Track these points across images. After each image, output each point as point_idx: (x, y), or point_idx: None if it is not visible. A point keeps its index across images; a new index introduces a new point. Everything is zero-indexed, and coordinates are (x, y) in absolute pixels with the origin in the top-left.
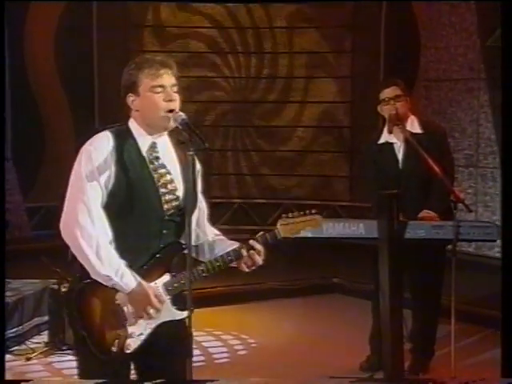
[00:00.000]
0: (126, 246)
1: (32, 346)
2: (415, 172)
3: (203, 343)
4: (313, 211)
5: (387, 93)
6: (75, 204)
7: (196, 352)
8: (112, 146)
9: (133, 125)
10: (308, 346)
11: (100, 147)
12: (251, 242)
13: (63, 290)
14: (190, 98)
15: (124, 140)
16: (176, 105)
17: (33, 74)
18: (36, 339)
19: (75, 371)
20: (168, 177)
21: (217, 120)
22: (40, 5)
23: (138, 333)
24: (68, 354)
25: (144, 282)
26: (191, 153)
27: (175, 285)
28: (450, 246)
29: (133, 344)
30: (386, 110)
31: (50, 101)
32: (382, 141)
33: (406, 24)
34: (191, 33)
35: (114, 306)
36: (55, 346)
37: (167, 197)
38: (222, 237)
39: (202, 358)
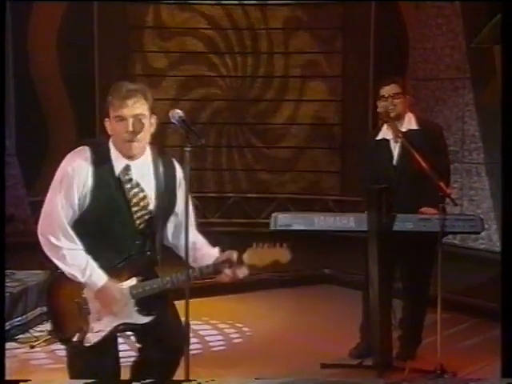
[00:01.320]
0: (99, 254)
1: (36, 334)
2: (409, 168)
3: (200, 332)
4: (284, 245)
5: (386, 90)
6: (49, 219)
7: (193, 340)
8: (90, 164)
9: (112, 145)
10: (300, 335)
11: (78, 168)
12: (232, 257)
13: None
14: (188, 96)
15: (101, 161)
16: (134, 136)
17: (36, 72)
18: (39, 328)
19: None
20: (141, 194)
21: (213, 117)
22: (43, 4)
23: (97, 329)
24: None
25: (111, 282)
26: (188, 149)
27: (140, 290)
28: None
29: (92, 338)
30: (383, 107)
31: (52, 98)
32: (379, 137)
33: (395, 26)
34: (189, 33)
35: (80, 298)
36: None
37: (139, 213)
38: (203, 248)
39: (199, 346)
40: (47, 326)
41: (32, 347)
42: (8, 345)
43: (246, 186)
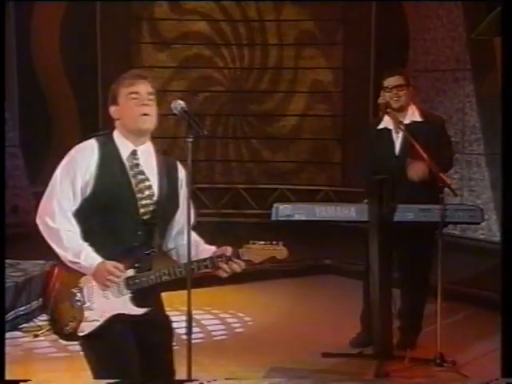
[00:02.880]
0: (100, 242)
1: (40, 323)
2: (411, 158)
3: (202, 321)
4: (280, 243)
5: (391, 81)
6: (49, 201)
7: (195, 330)
8: (96, 153)
9: (116, 134)
10: (301, 324)
11: (84, 155)
12: (228, 252)
13: None
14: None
15: (107, 148)
16: (149, 110)
17: (39, 64)
18: (43, 317)
19: (79, 348)
20: (146, 183)
21: (216, 109)
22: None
23: (92, 318)
24: None
25: (106, 261)
26: (190, 140)
27: (136, 281)
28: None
29: (87, 328)
30: (387, 98)
31: (55, 90)
32: (380, 127)
33: (396, 17)
34: (188, 26)
35: (75, 288)
36: None
37: (143, 202)
38: (200, 241)
39: (202, 335)
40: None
41: (36, 336)
42: (12, 334)
43: (246, 177)
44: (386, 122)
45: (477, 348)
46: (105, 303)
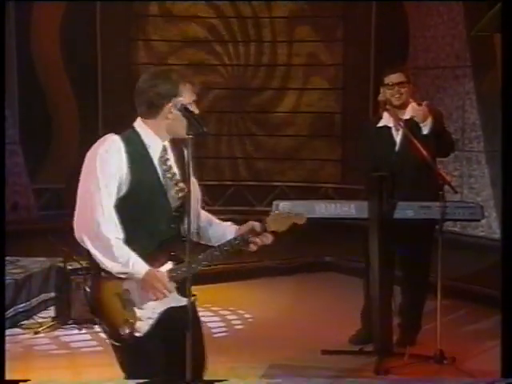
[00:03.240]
0: (137, 243)
1: (40, 320)
2: (411, 156)
3: (202, 318)
4: (300, 202)
5: (393, 78)
6: (88, 206)
7: None
8: (124, 150)
9: (141, 128)
10: (301, 321)
11: (113, 152)
12: (255, 225)
13: (69, 267)
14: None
15: (134, 144)
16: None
17: (39, 61)
18: (43, 314)
19: (80, 344)
20: (176, 177)
21: (214, 106)
22: None
23: (146, 316)
24: (73, 327)
25: (153, 268)
26: (190, 136)
27: (178, 272)
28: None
29: (142, 327)
30: (388, 95)
31: (55, 87)
32: (380, 124)
33: (396, 14)
34: (192, 21)
35: (122, 290)
36: (61, 320)
37: (175, 196)
38: (215, 219)
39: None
40: (51, 313)
41: (36, 333)
42: (12, 331)
43: (247, 174)
44: (386, 120)
45: (477, 345)
46: (153, 300)
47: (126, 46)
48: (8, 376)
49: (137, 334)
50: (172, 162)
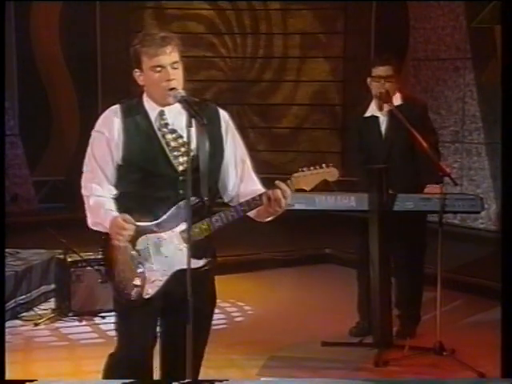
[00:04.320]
0: (144, 206)
1: (40, 312)
2: (398, 144)
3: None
4: (330, 164)
5: (380, 71)
6: (84, 173)
7: None
8: (120, 118)
9: (144, 97)
10: (301, 313)
11: (108, 122)
12: (276, 182)
13: (69, 259)
14: (189, 77)
15: (133, 111)
16: (176, 83)
17: (39, 53)
18: (43, 306)
19: (80, 336)
20: (180, 140)
21: (215, 98)
22: None
23: (153, 279)
24: (73, 319)
25: (118, 215)
26: (190, 129)
27: (191, 232)
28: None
29: (150, 290)
30: (375, 87)
31: (55, 79)
32: (367, 114)
33: (396, 6)
34: (190, 14)
35: (133, 251)
36: (61, 312)
37: (181, 159)
38: (252, 182)
39: None
40: (51, 305)
41: (36, 325)
42: (12, 323)
43: None
44: (372, 110)
45: (476, 336)
46: (164, 262)
47: (125, 38)
48: (8, 368)
49: (145, 297)
50: (176, 125)
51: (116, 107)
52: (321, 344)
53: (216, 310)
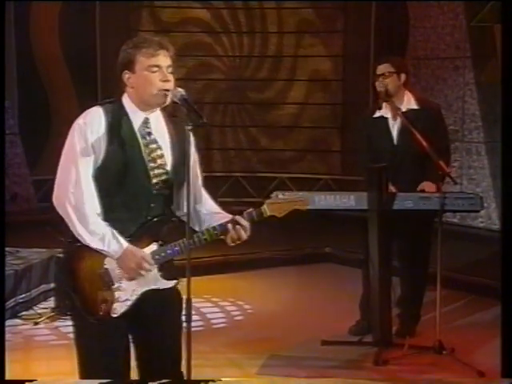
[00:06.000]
0: (114, 217)
1: (39, 311)
2: (409, 146)
3: (202, 309)
4: (300, 193)
5: (379, 69)
6: (67, 177)
7: (195, 317)
8: (104, 121)
9: (126, 101)
10: (301, 312)
11: (92, 122)
12: (237, 217)
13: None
14: (192, 77)
15: (116, 115)
16: (171, 85)
17: (38, 51)
18: (43, 305)
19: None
20: (158, 151)
21: (215, 97)
22: None
23: (124, 298)
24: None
25: (132, 246)
26: (189, 127)
27: (162, 254)
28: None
29: (119, 308)
30: (377, 86)
31: (54, 77)
32: (377, 115)
33: (396, 5)
34: (188, 14)
35: (102, 269)
36: (61, 311)
37: (156, 171)
38: (219, 211)
39: (201, 323)
40: (51, 303)
41: (36, 324)
42: (12, 321)
43: (246, 165)
44: (383, 111)
45: (476, 335)
46: (134, 281)
47: (125, 37)
48: (8, 367)
49: (113, 315)
50: (156, 135)
51: (97, 108)
52: (320, 343)
53: (216, 309)
